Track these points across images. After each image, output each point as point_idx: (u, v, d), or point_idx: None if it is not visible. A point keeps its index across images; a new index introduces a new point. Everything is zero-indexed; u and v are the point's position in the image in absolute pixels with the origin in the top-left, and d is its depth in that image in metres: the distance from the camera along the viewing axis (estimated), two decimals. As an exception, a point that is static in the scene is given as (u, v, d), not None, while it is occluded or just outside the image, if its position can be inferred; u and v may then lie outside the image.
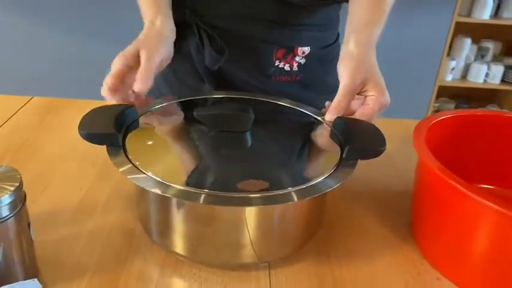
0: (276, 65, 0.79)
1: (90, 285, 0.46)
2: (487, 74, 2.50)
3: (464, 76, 2.57)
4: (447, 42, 2.35)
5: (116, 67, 0.59)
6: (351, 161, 0.50)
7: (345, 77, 0.59)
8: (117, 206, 0.58)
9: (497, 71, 2.49)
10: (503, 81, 2.52)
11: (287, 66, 0.79)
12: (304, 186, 0.45)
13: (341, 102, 0.57)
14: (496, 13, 2.43)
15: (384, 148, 0.50)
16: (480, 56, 2.57)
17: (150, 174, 0.45)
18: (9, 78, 2.30)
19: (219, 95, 0.66)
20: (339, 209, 0.61)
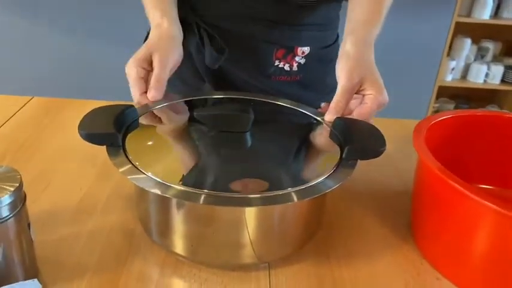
0: (276, 64, 0.79)
1: (90, 285, 0.46)
2: (487, 74, 2.50)
3: (464, 76, 2.57)
4: (447, 43, 2.35)
5: (133, 76, 0.59)
6: (350, 161, 0.50)
7: (342, 77, 0.59)
8: (117, 206, 0.58)
9: (497, 71, 2.49)
10: (503, 81, 2.52)
11: (287, 66, 0.79)
12: (304, 187, 0.45)
13: (339, 102, 0.58)
14: (496, 13, 2.43)
15: (384, 148, 0.50)
16: (480, 56, 2.57)
17: (150, 174, 0.45)
18: (9, 78, 2.30)
19: (219, 95, 0.66)
20: (339, 209, 0.61)
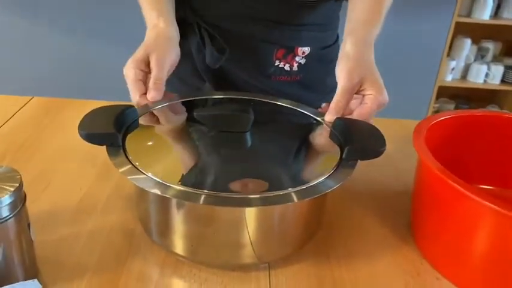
0: (276, 64, 0.79)
1: (90, 286, 0.46)
2: (487, 74, 2.50)
3: (464, 76, 2.57)
4: (447, 43, 2.35)
5: (131, 78, 0.59)
6: (350, 161, 0.50)
7: (342, 77, 0.59)
8: (117, 206, 0.58)
9: (497, 71, 2.49)
10: (503, 81, 2.52)
11: (287, 66, 0.79)
12: (304, 187, 0.45)
13: (339, 102, 0.58)
14: (496, 13, 2.43)
15: (384, 148, 0.50)
16: (480, 56, 2.57)
17: (150, 174, 0.45)
18: (9, 78, 2.30)
19: (219, 95, 0.66)
20: (339, 209, 0.61)
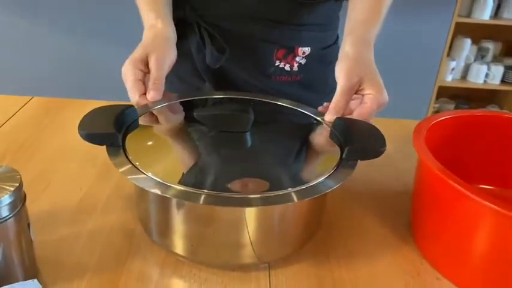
0: (276, 65, 0.79)
1: (90, 286, 0.46)
2: (487, 75, 2.50)
3: (464, 76, 2.57)
4: (447, 43, 2.35)
5: (131, 78, 0.59)
6: (350, 161, 0.50)
7: (341, 77, 0.59)
8: (117, 206, 0.58)
9: (497, 71, 2.49)
10: (503, 81, 2.52)
11: (287, 66, 0.79)
12: (304, 187, 0.45)
13: (339, 102, 0.58)
14: (496, 13, 2.43)
15: (384, 148, 0.50)
16: (480, 57, 2.57)
17: (150, 174, 0.45)
18: (9, 78, 2.30)
19: (219, 95, 0.66)
20: (339, 209, 0.61)
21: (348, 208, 0.61)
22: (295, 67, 0.80)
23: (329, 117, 0.58)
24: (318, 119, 0.60)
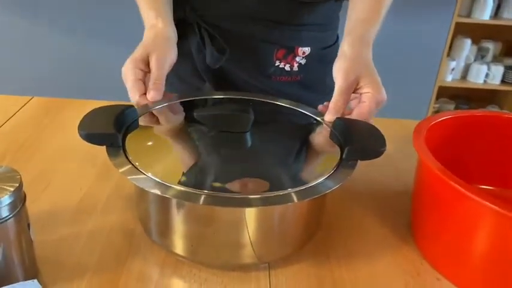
0: (276, 65, 0.79)
1: (90, 286, 0.46)
2: (487, 75, 2.50)
3: (464, 76, 2.57)
4: (447, 43, 2.35)
5: (131, 78, 0.59)
6: (350, 161, 0.50)
7: (338, 77, 0.59)
8: (117, 206, 0.58)
9: (497, 71, 2.49)
10: (503, 81, 2.52)
11: (287, 67, 0.79)
12: (304, 187, 0.45)
13: (338, 102, 0.58)
14: (496, 13, 2.43)
15: (384, 149, 0.50)
16: (480, 57, 2.57)
17: (149, 174, 0.45)
18: (9, 78, 2.30)
19: (219, 95, 0.66)
20: (339, 209, 0.61)
21: (348, 208, 0.61)
22: (295, 67, 0.80)
23: (329, 117, 0.58)
24: (318, 119, 0.60)
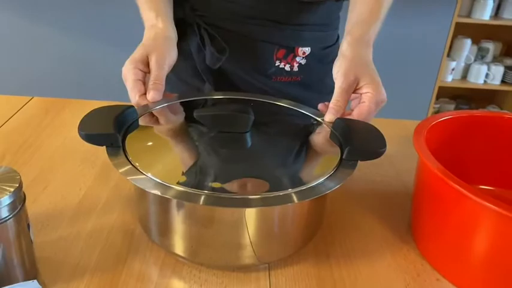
0: (277, 65, 0.79)
1: (90, 286, 0.46)
2: (487, 75, 2.50)
3: (465, 77, 2.57)
4: (447, 43, 2.35)
5: (131, 78, 0.59)
6: (351, 162, 0.49)
7: (338, 77, 0.59)
8: (117, 207, 0.58)
9: (497, 71, 2.49)
10: (503, 81, 2.52)
11: (287, 67, 0.79)
12: (304, 188, 0.45)
13: (338, 102, 0.58)
14: (496, 14, 2.43)
15: (384, 149, 0.50)
16: (480, 57, 2.57)
17: (149, 175, 0.45)
18: (9, 78, 2.30)
19: (219, 95, 0.66)
20: (339, 209, 0.60)
21: (348, 208, 0.61)
22: (295, 67, 0.80)
23: (329, 117, 0.58)
24: (318, 119, 0.60)
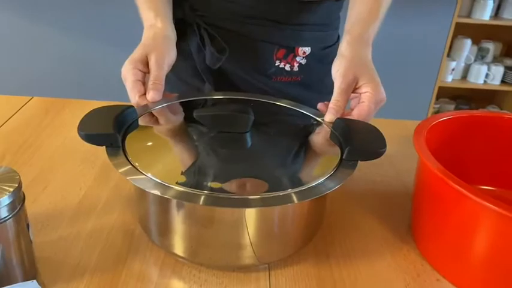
0: (277, 65, 0.79)
1: (90, 286, 0.46)
2: (487, 75, 2.50)
3: (465, 77, 2.57)
4: (447, 43, 2.35)
5: (130, 78, 0.59)
6: (351, 162, 0.49)
7: (337, 77, 0.60)
8: (117, 207, 0.58)
9: (497, 71, 2.49)
10: (503, 82, 2.52)
11: (287, 67, 0.79)
12: (304, 188, 0.45)
13: (338, 102, 0.58)
14: (496, 14, 2.43)
15: (385, 149, 0.50)
16: (480, 57, 2.57)
17: (149, 175, 0.45)
18: (9, 78, 2.30)
19: (219, 95, 0.66)
20: (339, 209, 0.60)
21: (348, 208, 0.61)
22: (296, 67, 0.79)
23: (329, 117, 0.58)
24: (318, 119, 0.60)
